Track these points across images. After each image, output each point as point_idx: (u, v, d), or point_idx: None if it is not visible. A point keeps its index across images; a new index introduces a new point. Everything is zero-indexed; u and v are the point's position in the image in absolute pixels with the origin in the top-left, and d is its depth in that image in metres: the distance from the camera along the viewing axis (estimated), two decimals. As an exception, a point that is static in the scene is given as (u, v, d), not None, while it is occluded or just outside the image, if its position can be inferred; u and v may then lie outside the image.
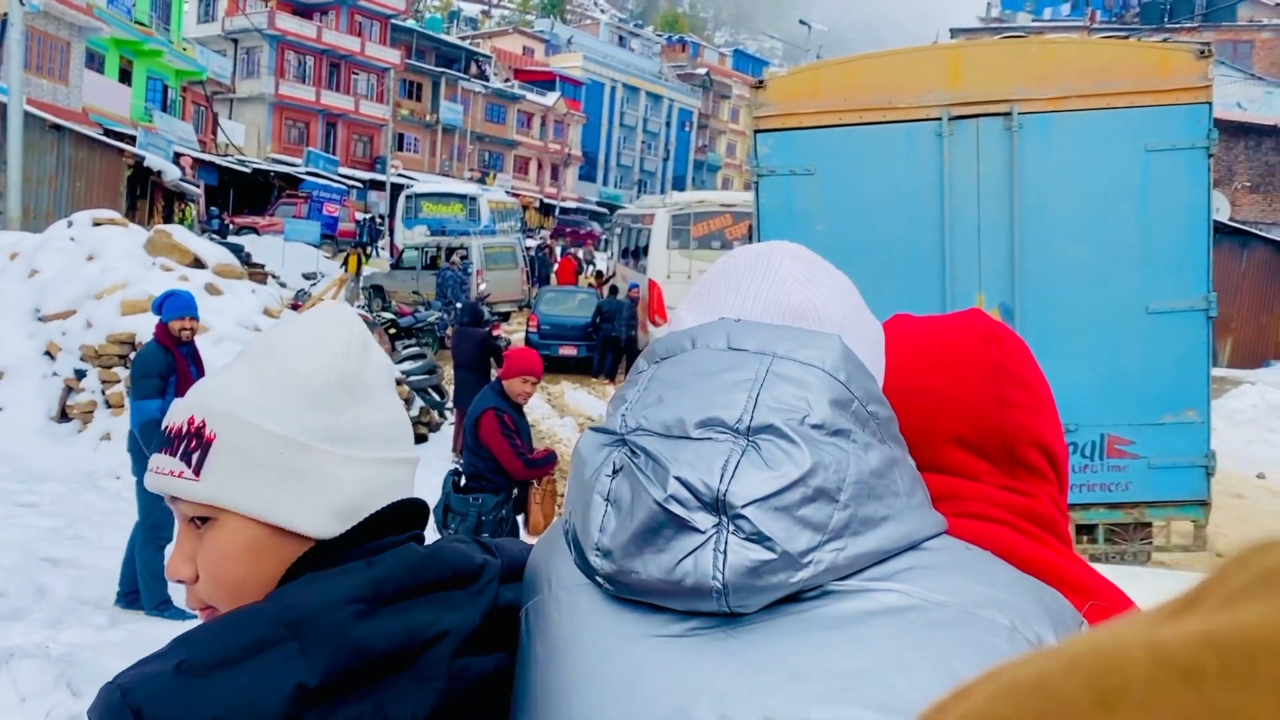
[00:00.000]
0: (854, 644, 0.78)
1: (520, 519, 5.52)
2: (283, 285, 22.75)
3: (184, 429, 0.97)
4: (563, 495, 5.35)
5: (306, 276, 24.25)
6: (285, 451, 0.96)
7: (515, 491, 5.41)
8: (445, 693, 0.93)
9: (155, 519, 5.66)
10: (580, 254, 35.06)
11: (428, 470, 10.22)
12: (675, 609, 0.82)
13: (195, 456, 0.95)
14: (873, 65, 6.45)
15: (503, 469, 5.29)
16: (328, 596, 0.91)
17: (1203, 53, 6.04)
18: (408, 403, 11.26)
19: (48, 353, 9.97)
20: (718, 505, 0.78)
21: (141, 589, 5.88)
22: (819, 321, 0.90)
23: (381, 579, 0.94)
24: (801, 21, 44.12)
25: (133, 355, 9.59)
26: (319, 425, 0.98)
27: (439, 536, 3.91)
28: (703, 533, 0.79)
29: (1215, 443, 14.12)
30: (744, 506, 0.78)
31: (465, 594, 0.98)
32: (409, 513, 1.05)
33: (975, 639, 0.78)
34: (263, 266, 21.59)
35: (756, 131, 6.15)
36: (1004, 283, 6.11)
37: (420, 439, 11.56)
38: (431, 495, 9.30)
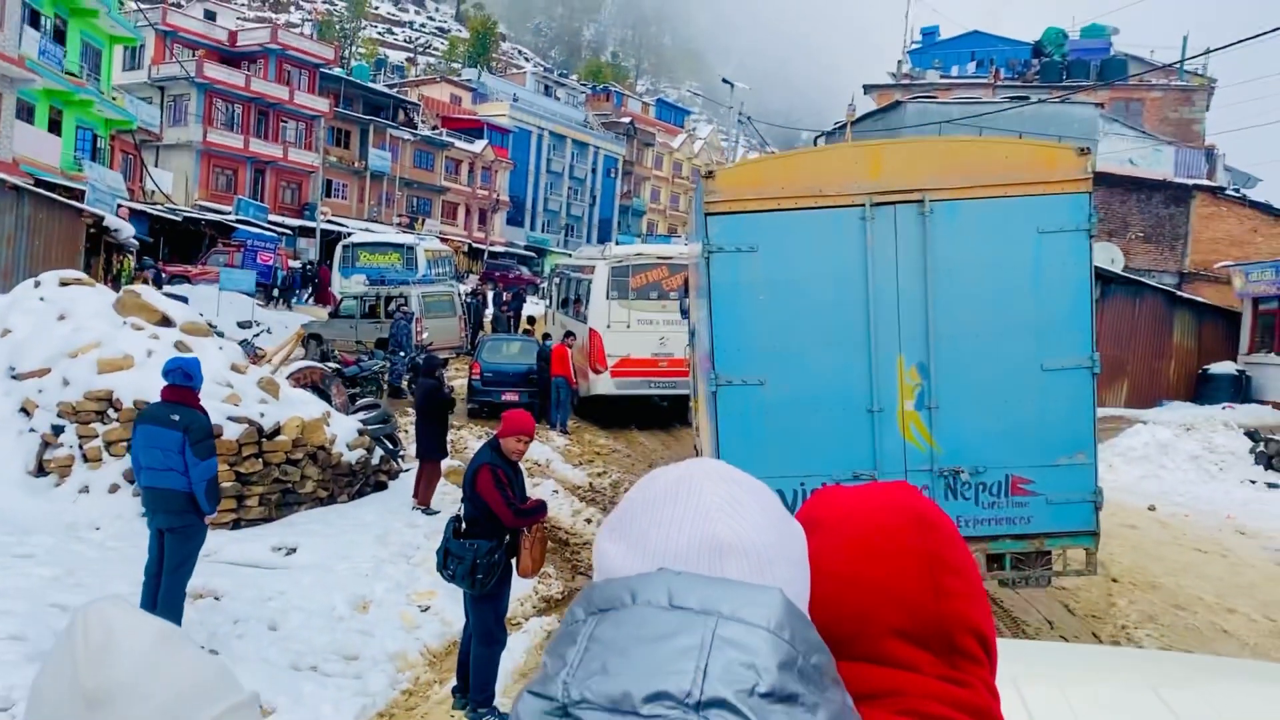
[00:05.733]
0: None
1: (513, 562, 6.23)
2: (220, 334, 23.03)
3: None
4: (551, 544, 6.36)
5: (242, 325, 24.45)
6: None
7: (508, 538, 6.13)
8: None
9: (178, 562, 6.34)
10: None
11: (391, 516, 10.86)
12: None
13: None
14: (806, 160, 7.45)
15: (497, 518, 6.02)
16: None
17: (1082, 150, 7.14)
18: (368, 451, 11.82)
19: (23, 409, 10.36)
20: None
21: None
22: (744, 555, 0.89)
23: None
24: (725, 80, 45.66)
25: (111, 412, 10.14)
26: None
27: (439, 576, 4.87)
28: None
29: (1112, 478, 15.50)
30: None
31: None
32: None
33: None
34: (200, 315, 21.84)
35: (707, 215, 7.03)
36: (920, 345, 7.07)
37: (380, 487, 12.14)
38: (402, 541, 9.94)
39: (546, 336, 20.29)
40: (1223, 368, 21.74)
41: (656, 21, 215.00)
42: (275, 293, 32.77)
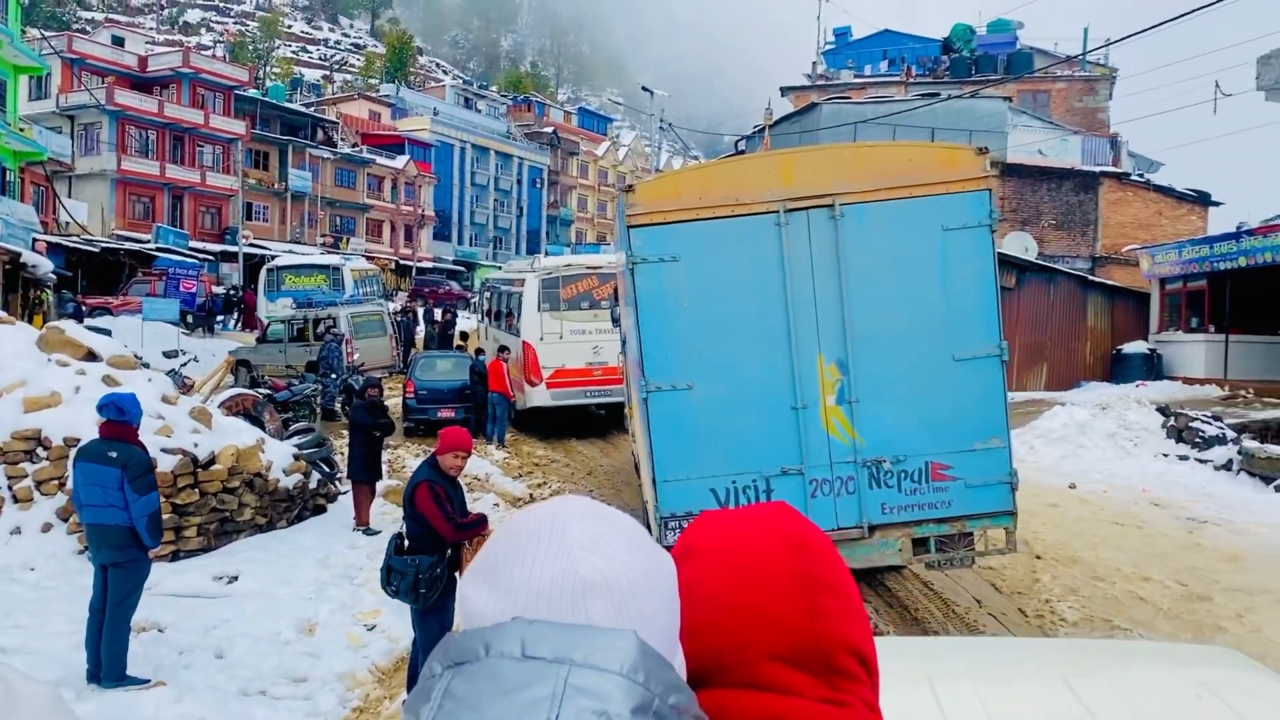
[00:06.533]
0: None
1: (457, 575, 6.37)
2: (146, 365, 22.63)
3: None
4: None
5: (167, 355, 24.03)
6: None
7: (450, 552, 6.28)
8: None
9: (122, 596, 6.35)
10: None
11: (332, 539, 10.89)
12: None
13: None
14: (722, 170, 7.73)
15: (438, 533, 6.17)
16: None
17: (981, 150, 7.52)
18: (305, 476, 11.82)
19: (-52, 453, 10.17)
20: None
21: (105, 663, 6.48)
22: (608, 591, 0.88)
23: None
24: (644, 88, 46.08)
25: (40, 451, 10.04)
26: None
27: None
28: None
29: (1034, 459, 16.03)
30: None
31: None
32: None
33: None
34: (125, 347, 21.48)
35: (629, 227, 7.25)
36: (839, 343, 7.38)
37: (319, 510, 12.14)
38: (344, 563, 9.99)
39: (480, 352, 20.35)
40: (1135, 347, 22.61)
41: (575, 30, 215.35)
42: (189, 319, 32.16)
